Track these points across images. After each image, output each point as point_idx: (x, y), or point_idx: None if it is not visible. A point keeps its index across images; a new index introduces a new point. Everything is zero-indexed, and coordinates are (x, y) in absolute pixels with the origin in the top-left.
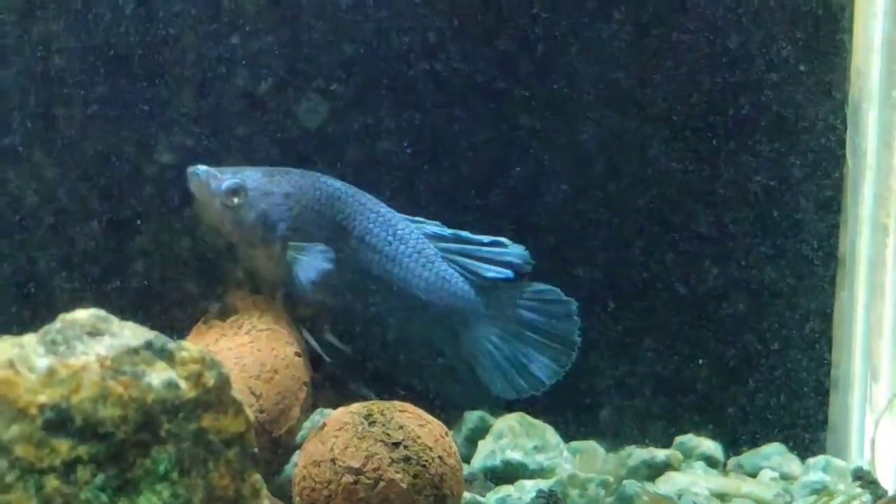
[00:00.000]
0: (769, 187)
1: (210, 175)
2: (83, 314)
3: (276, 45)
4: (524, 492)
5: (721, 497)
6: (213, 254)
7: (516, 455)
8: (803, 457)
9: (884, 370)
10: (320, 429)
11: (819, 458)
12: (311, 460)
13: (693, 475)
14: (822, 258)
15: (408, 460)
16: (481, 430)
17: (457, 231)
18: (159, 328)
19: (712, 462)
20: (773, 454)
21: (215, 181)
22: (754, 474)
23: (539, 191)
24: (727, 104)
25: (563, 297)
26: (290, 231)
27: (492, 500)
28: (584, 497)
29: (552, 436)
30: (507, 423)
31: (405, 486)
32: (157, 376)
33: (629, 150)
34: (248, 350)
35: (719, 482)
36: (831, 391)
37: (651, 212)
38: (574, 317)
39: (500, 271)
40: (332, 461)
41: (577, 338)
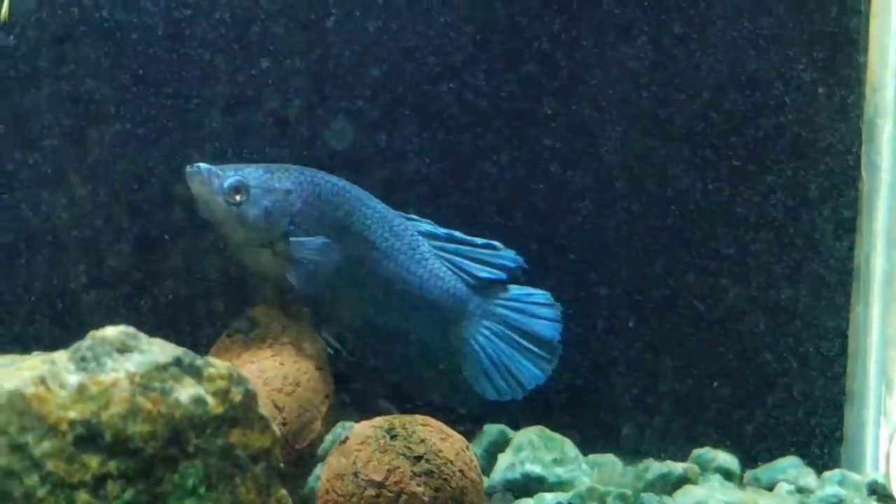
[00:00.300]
0: (787, 206)
1: (212, 173)
2: (112, 331)
3: (304, 67)
4: None
5: None
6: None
7: (535, 468)
8: (819, 470)
9: None
10: (343, 442)
11: (835, 472)
12: (334, 473)
13: (710, 488)
14: (839, 274)
15: (430, 474)
16: (500, 444)
17: (450, 231)
18: (188, 345)
19: (729, 475)
20: (789, 467)
21: (218, 179)
22: (771, 488)
23: (561, 210)
24: (747, 124)
25: (551, 301)
26: (291, 227)
27: None
28: None
29: (571, 449)
30: (526, 436)
31: (427, 499)
32: (186, 392)
33: (650, 170)
34: (270, 363)
35: (736, 495)
36: (846, 405)
37: (672, 231)
38: (558, 322)
39: (493, 272)
40: (355, 474)
41: (559, 343)
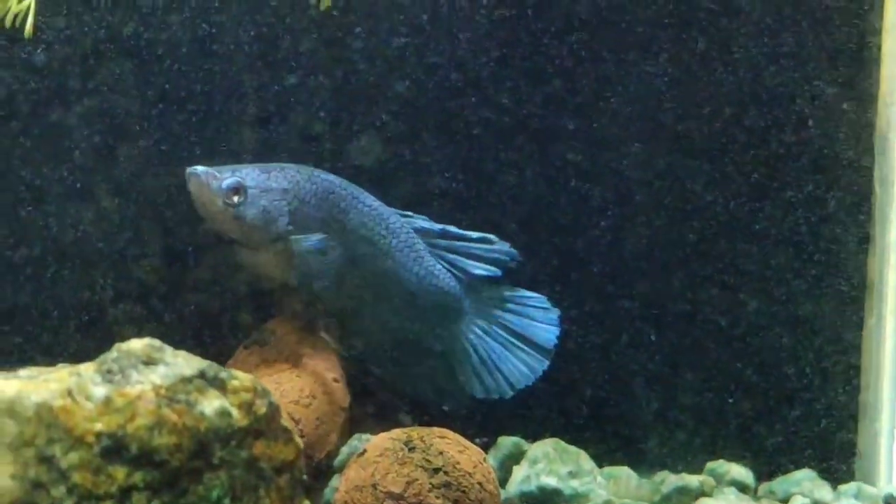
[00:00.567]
0: (804, 220)
1: (209, 175)
2: (138, 344)
3: (330, 83)
4: None
5: None
6: (266, 285)
7: (551, 480)
8: (833, 483)
9: None
10: (361, 454)
11: (851, 485)
12: (353, 486)
13: (726, 501)
14: (853, 288)
15: (448, 486)
16: (516, 456)
17: (445, 227)
18: (214, 357)
19: (743, 488)
20: (804, 480)
21: (215, 181)
22: (786, 500)
23: (583, 224)
24: (768, 140)
25: (548, 306)
26: (289, 226)
27: None
28: None
29: (586, 461)
30: (541, 448)
31: None
32: (210, 405)
33: (671, 186)
34: (287, 376)
35: None
36: (860, 417)
37: (692, 245)
38: (555, 326)
39: (488, 269)
40: (374, 486)
41: (552, 346)
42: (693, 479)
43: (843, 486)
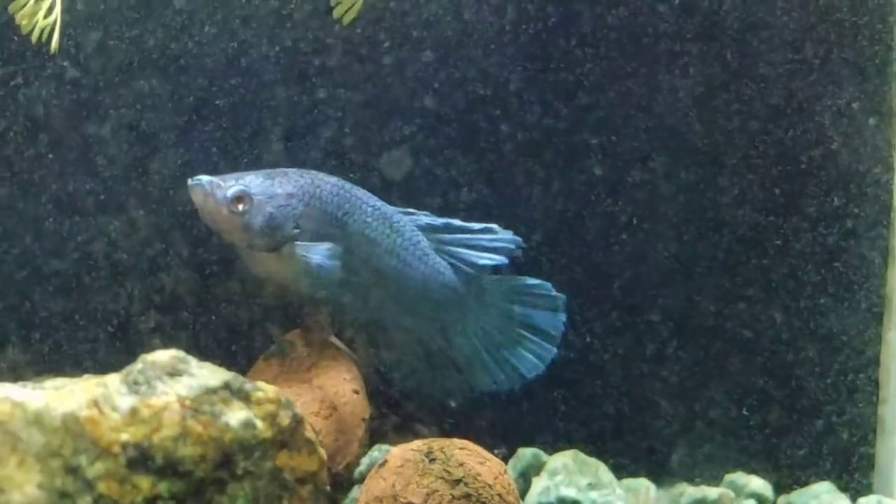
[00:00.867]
0: (828, 235)
1: (213, 184)
2: (163, 355)
3: (360, 98)
4: None
5: None
6: (293, 296)
7: (570, 492)
8: (852, 496)
9: None
10: (382, 465)
11: (870, 498)
12: (373, 496)
13: None
14: (875, 302)
15: (468, 497)
16: (535, 467)
17: (448, 220)
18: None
19: (762, 500)
20: (822, 493)
21: (220, 190)
22: None
23: (608, 239)
24: (791, 155)
25: (553, 293)
26: (296, 231)
27: None
28: None
29: (605, 473)
30: (561, 460)
31: None
32: (235, 416)
33: (696, 200)
34: (307, 387)
35: None
36: (878, 431)
37: (716, 260)
38: (560, 312)
39: (494, 258)
40: (394, 497)
41: (560, 333)
42: (712, 492)
43: (862, 499)
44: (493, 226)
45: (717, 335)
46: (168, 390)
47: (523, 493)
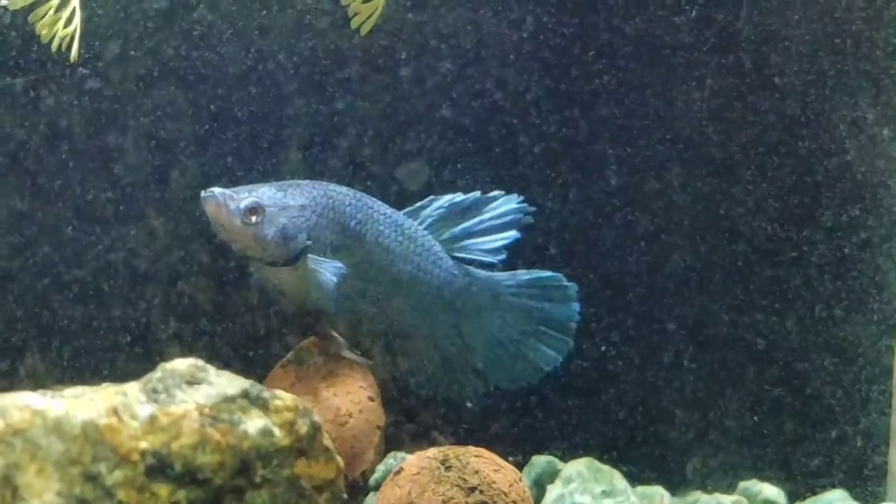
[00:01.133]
0: (844, 246)
1: (227, 197)
2: (182, 363)
3: (379, 108)
4: None
5: None
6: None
7: (585, 499)
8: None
9: None
10: (398, 473)
11: None
12: None
13: None
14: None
15: None
16: (549, 475)
17: (451, 199)
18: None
19: None
20: (836, 500)
21: (233, 202)
22: None
23: (625, 250)
24: (808, 166)
25: (565, 283)
26: (309, 242)
27: None
28: None
29: (620, 481)
30: (575, 467)
31: None
32: (253, 424)
33: (714, 210)
34: (324, 394)
35: None
36: (891, 440)
37: (732, 270)
38: (573, 302)
39: (507, 236)
40: None
41: (574, 323)
42: (726, 499)
43: None
44: (495, 192)
45: (732, 344)
46: (187, 398)
47: (538, 500)
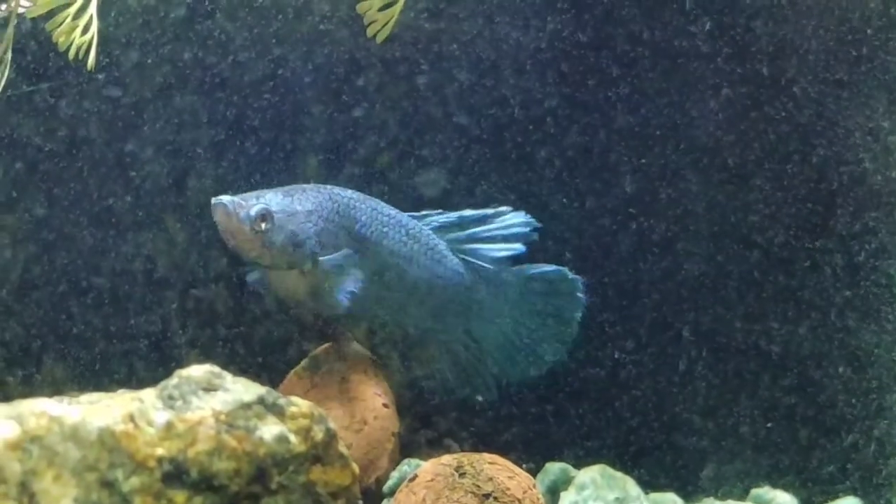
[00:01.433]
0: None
1: (236, 204)
2: (198, 370)
3: (399, 117)
4: None
5: None
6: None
7: None
8: None
9: None
10: (412, 479)
11: None
12: None
13: None
14: None
15: None
16: (563, 481)
17: (461, 213)
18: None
19: None
20: None
21: (243, 209)
22: None
23: (640, 258)
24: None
25: (570, 276)
26: (317, 246)
27: None
28: None
29: (633, 487)
30: (589, 474)
31: None
32: (269, 430)
33: (730, 218)
34: (338, 401)
35: None
36: None
37: (748, 277)
38: (578, 294)
39: (511, 247)
40: None
41: (580, 316)
42: None
43: None
44: (504, 208)
45: (746, 352)
46: (203, 405)
47: None
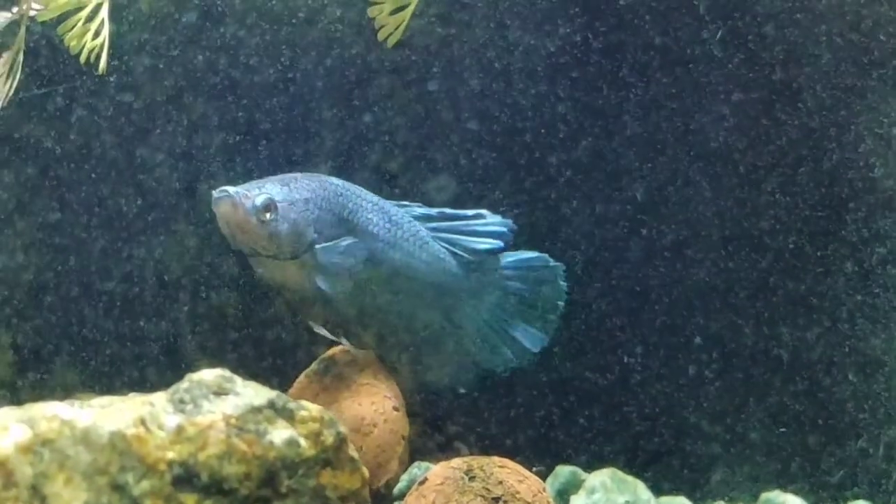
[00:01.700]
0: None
1: (241, 195)
2: (209, 374)
3: (410, 123)
4: None
5: None
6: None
7: None
8: None
9: None
10: (422, 483)
11: None
12: None
13: None
14: None
15: None
16: (573, 485)
17: (442, 209)
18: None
19: None
20: None
21: (248, 200)
22: None
23: (650, 262)
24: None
25: (551, 263)
26: (315, 235)
27: None
28: None
29: (643, 491)
30: (599, 478)
31: None
32: (279, 434)
33: (740, 224)
34: (347, 405)
35: None
36: None
37: (759, 282)
38: (561, 281)
39: (490, 242)
40: None
41: (562, 302)
42: None
43: None
44: (484, 211)
45: (756, 357)
46: (214, 409)
47: None
